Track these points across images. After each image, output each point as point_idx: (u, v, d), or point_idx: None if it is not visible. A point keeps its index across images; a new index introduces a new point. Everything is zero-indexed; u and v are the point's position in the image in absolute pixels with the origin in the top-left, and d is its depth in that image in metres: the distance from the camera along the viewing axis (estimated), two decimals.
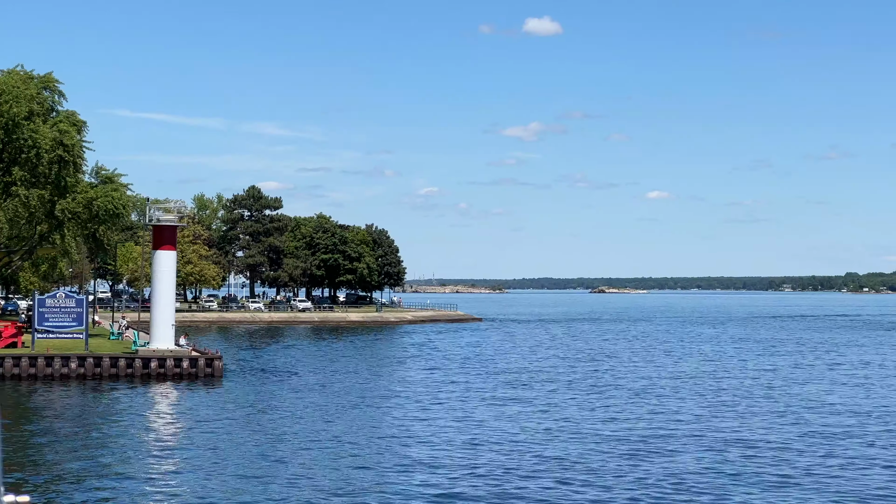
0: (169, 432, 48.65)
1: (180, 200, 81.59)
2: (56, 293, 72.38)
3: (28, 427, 49.70)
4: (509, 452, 42.23)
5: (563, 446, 43.90)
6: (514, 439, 45.70)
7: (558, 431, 48.27)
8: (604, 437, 46.41)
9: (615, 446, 43.92)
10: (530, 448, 43.40)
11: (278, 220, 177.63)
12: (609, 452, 42.33)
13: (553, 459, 40.64)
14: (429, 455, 41.51)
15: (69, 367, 67.61)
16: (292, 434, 46.93)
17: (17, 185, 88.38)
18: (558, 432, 47.95)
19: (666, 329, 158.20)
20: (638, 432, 48.07)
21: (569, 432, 47.97)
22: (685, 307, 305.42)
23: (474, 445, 44.01)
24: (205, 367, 68.93)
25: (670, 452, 42.50)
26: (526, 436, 46.80)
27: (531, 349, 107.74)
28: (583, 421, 51.92)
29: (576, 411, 55.85)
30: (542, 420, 52.22)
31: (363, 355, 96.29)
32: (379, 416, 53.70)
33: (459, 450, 42.82)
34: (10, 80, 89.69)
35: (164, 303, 70.60)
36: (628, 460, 40.62)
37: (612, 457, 41.32)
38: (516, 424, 50.45)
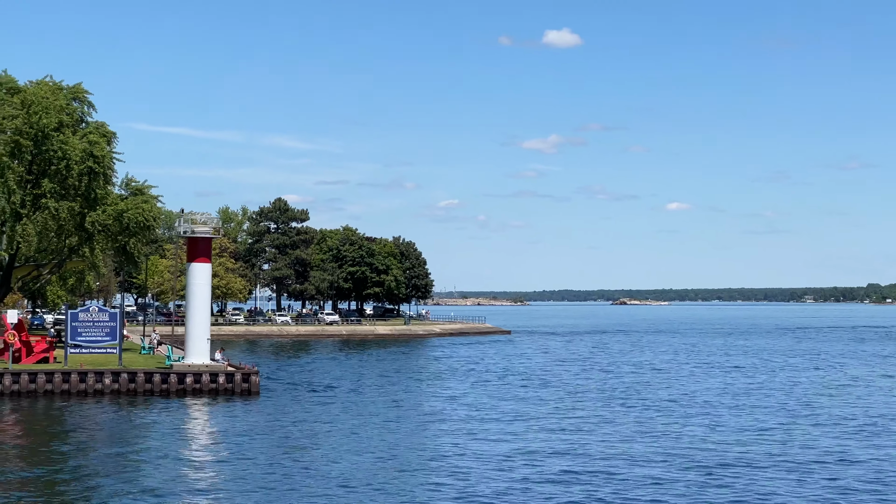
0: (207, 449, 47.09)
1: (206, 213, 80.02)
2: (89, 307, 70.80)
3: (63, 444, 48.28)
4: (616, 476, 40.33)
5: (661, 465, 41.98)
6: (610, 459, 43.78)
7: (651, 453, 46.30)
8: (692, 453, 44.45)
9: (706, 460, 41.98)
10: (629, 469, 41.50)
11: (305, 232, 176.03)
12: (699, 467, 40.40)
13: (653, 482, 38.74)
14: (498, 479, 39.63)
15: (103, 383, 66.01)
16: (334, 451, 45.27)
17: (46, 197, 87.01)
18: (652, 454, 45.99)
19: (702, 341, 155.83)
20: (724, 451, 46.09)
21: (661, 451, 46.04)
22: (712, 318, 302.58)
23: (536, 463, 42.13)
24: (241, 382, 67.22)
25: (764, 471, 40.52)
26: (619, 457, 44.88)
27: (576, 363, 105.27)
28: (667, 436, 49.96)
29: (657, 428, 53.90)
30: (619, 439, 50.28)
31: (399, 369, 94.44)
32: (429, 433, 51.81)
33: (537, 473, 40.94)
34: (39, 91, 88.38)
35: (199, 317, 68.93)
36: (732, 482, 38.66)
37: (706, 475, 39.38)
38: (600, 443, 48.52)
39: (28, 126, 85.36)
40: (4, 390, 64.43)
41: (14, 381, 64.80)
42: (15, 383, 64.78)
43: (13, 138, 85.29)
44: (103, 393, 65.61)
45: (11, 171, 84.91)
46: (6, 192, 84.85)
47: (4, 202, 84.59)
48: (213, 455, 45.28)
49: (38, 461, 43.24)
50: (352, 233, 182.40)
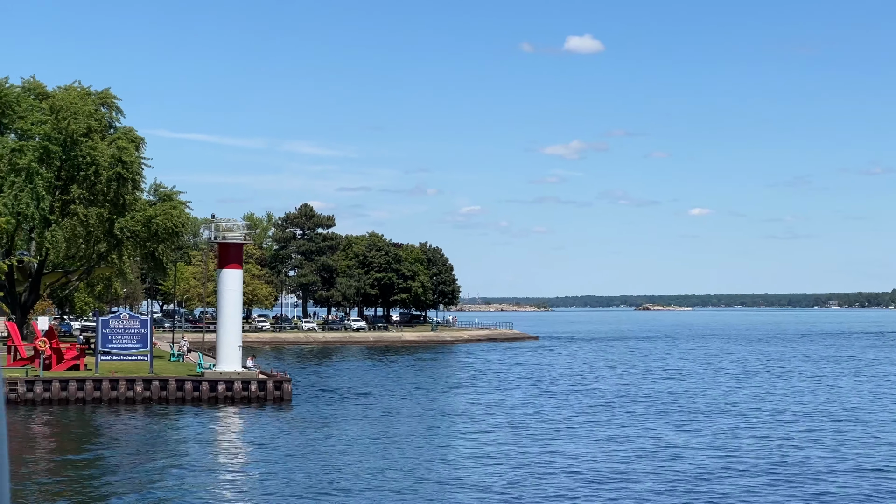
0: (240, 457, 46.36)
1: (232, 219, 79.30)
2: (120, 314, 70.05)
3: (95, 452, 47.62)
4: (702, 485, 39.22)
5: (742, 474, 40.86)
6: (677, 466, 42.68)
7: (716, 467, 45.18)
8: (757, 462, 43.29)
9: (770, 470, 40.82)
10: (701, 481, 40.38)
11: (331, 238, 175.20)
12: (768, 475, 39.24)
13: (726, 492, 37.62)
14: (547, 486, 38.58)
15: (134, 391, 65.25)
16: (370, 461, 44.32)
17: (75, 203, 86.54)
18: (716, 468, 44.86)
19: (732, 347, 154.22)
20: (785, 459, 44.92)
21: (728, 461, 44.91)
22: (739, 324, 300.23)
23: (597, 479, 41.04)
24: (273, 389, 66.37)
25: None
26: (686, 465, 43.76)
27: (612, 369, 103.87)
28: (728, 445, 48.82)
29: (717, 435, 52.74)
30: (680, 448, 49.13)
31: (431, 376, 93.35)
32: (470, 442, 50.77)
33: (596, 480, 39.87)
34: (68, 96, 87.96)
35: (230, 323, 68.12)
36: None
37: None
38: (656, 450, 47.41)
39: (57, 132, 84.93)
40: (36, 398, 63.75)
41: (45, 389, 64.11)
42: (46, 391, 64.09)
43: (42, 144, 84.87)
44: (135, 401, 64.84)
45: (40, 177, 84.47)
46: (35, 198, 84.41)
47: (33, 208, 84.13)
48: (246, 463, 44.49)
49: (70, 469, 42.67)
50: (378, 239, 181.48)
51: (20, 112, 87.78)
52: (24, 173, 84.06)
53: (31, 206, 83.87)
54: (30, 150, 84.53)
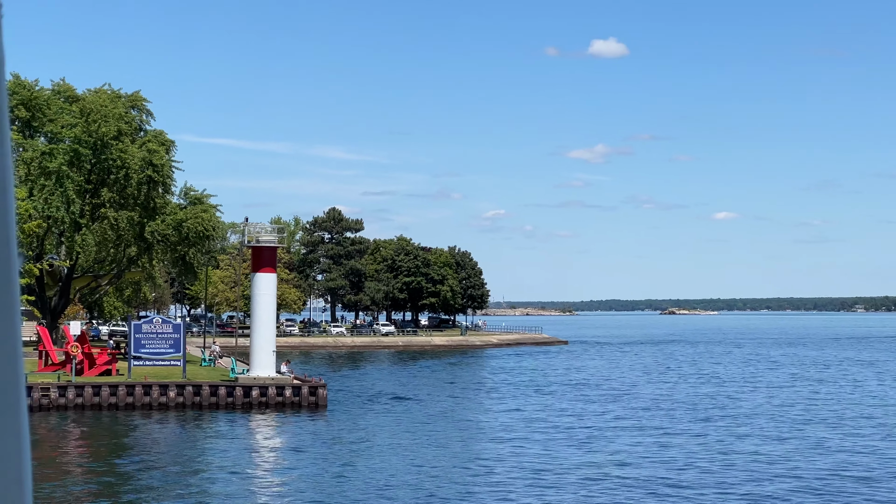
0: (276, 464, 45.43)
1: (261, 223, 78.29)
2: (152, 318, 69.12)
3: (128, 458, 46.93)
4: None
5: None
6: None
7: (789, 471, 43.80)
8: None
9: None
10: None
11: (359, 242, 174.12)
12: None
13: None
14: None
15: (168, 396, 64.26)
16: (409, 467, 43.28)
17: (105, 206, 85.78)
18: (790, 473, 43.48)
19: (767, 351, 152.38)
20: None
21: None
22: (770, 328, 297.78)
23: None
24: (308, 395, 65.28)
25: None
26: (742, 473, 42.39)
27: (653, 374, 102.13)
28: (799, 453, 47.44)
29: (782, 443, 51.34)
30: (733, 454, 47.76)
31: (465, 381, 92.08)
32: (512, 448, 49.49)
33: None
34: (97, 99, 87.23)
35: (264, 328, 67.04)
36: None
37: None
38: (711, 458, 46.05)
39: (87, 135, 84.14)
40: (68, 403, 62.85)
41: (78, 394, 63.20)
42: (79, 396, 63.18)
43: (72, 147, 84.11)
44: (168, 406, 63.86)
45: (70, 181, 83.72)
46: (65, 201, 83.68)
47: (63, 212, 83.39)
48: (283, 470, 43.55)
49: (103, 475, 41.88)
50: (406, 243, 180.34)
51: (50, 115, 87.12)
52: (55, 176, 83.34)
53: (62, 210, 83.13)
54: (60, 154, 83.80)
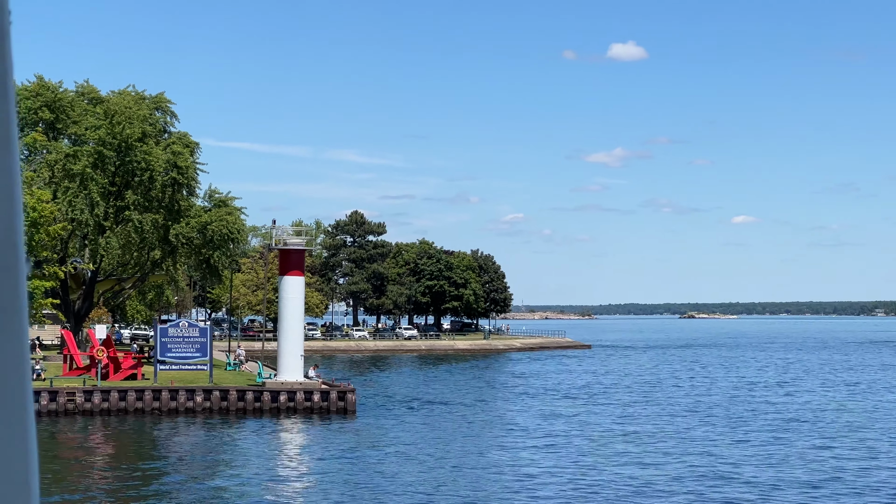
0: (306, 471, 44.51)
1: (285, 226, 77.39)
2: (178, 322, 68.26)
3: (157, 464, 46.22)
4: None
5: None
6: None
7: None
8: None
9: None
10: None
11: (382, 245, 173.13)
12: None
13: None
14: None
15: (194, 401, 63.33)
16: (443, 475, 42.13)
17: (130, 209, 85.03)
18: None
19: (800, 356, 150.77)
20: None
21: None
22: (796, 332, 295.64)
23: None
24: (337, 400, 64.24)
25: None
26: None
27: (687, 379, 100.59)
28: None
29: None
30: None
31: (494, 385, 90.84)
32: (551, 454, 48.31)
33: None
34: (122, 100, 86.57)
35: (292, 332, 66.06)
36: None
37: None
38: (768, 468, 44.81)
39: (111, 137, 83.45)
40: (94, 408, 61.98)
41: (104, 399, 62.33)
42: (104, 401, 62.30)
43: (97, 149, 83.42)
44: (195, 411, 62.93)
45: (95, 183, 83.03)
46: (89, 204, 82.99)
47: (88, 214, 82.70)
48: (314, 476, 42.62)
49: (130, 481, 41.08)
50: (428, 246, 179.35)
51: (74, 117, 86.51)
52: (79, 179, 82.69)
53: (86, 213, 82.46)
54: (84, 156, 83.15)
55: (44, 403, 61.32)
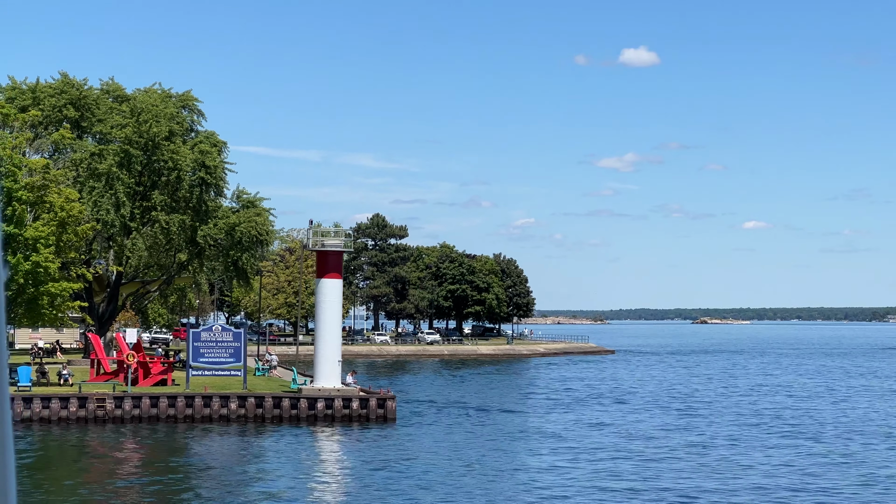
0: (348, 481, 42.62)
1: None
2: (212, 326, 65.87)
3: (192, 474, 44.16)
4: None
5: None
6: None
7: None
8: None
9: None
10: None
11: (403, 249, 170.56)
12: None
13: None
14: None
15: (229, 408, 60.93)
16: (493, 487, 39.82)
17: (156, 210, 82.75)
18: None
19: (825, 362, 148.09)
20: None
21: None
22: (814, 338, 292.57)
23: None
24: (377, 408, 61.82)
25: None
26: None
27: (743, 387, 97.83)
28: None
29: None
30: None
31: (527, 391, 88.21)
32: (603, 462, 45.84)
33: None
34: (148, 98, 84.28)
35: (329, 337, 63.61)
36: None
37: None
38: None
39: (138, 135, 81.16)
40: (124, 415, 59.59)
41: (135, 406, 59.97)
42: (136, 407, 59.95)
43: (123, 148, 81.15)
44: (229, 419, 60.54)
45: (121, 183, 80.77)
46: (115, 204, 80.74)
47: (114, 215, 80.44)
48: (357, 488, 40.55)
49: (166, 491, 39.51)
50: (449, 250, 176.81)
51: (99, 115, 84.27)
52: (105, 178, 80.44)
53: (112, 213, 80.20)
54: (110, 155, 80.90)
55: (73, 410, 59.05)
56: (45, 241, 63.22)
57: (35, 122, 75.58)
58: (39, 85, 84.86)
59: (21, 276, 62.35)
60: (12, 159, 63.73)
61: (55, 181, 65.85)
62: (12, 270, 62.28)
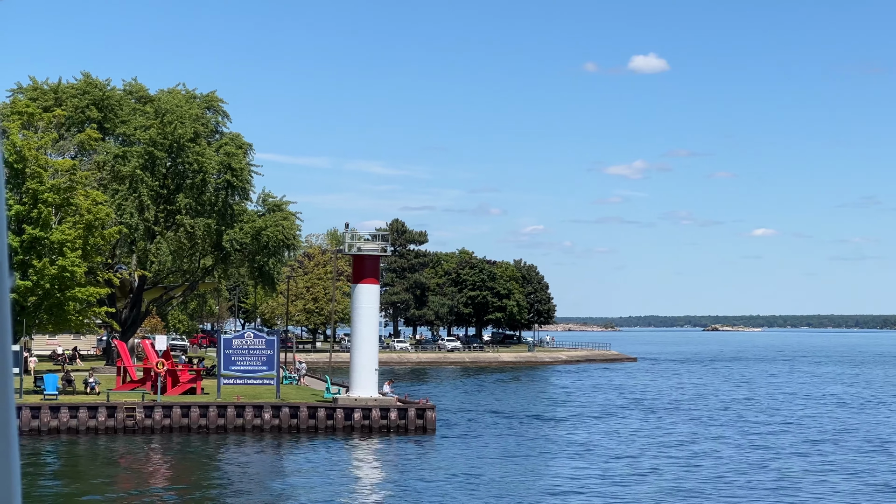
0: (389, 494, 40.37)
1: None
2: (243, 333, 63.64)
3: (227, 486, 42.49)
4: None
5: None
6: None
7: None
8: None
9: None
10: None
11: (423, 255, 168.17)
12: None
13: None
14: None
15: (262, 419, 58.66)
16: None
17: (181, 213, 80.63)
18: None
19: (857, 370, 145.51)
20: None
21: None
22: (829, 346, 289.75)
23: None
24: (416, 418, 59.53)
25: None
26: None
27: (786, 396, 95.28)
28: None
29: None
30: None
31: (563, 399, 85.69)
32: (665, 479, 43.51)
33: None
34: (172, 99, 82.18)
35: (366, 344, 61.34)
36: None
37: None
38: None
39: (162, 137, 79.07)
40: (155, 425, 57.38)
41: (165, 415, 57.74)
42: (166, 417, 57.71)
43: (147, 150, 79.06)
44: (262, 429, 58.27)
45: (145, 186, 78.69)
46: (139, 207, 78.67)
47: (137, 218, 78.37)
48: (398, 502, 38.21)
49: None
50: (469, 256, 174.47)
51: (123, 116, 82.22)
52: (128, 181, 78.38)
53: (135, 217, 78.12)
54: (134, 157, 78.82)
55: (101, 419, 56.86)
56: (71, 245, 61.09)
57: (59, 122, 73.50)
58: (61, 85, 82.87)
59: (47, 281, 60.22)
60: (38, 160, 61.64)
61: (82, 183, 63.70)
62: (37, 275, 60.21)
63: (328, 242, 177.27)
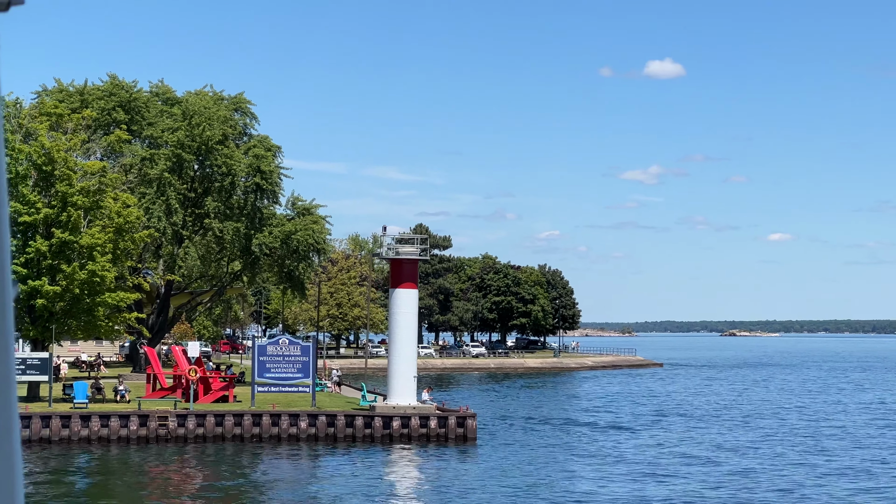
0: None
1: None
2: (278, 339, 61.84)
3: (264, 497, 41.12)
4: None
5: None
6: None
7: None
8: None
9: None
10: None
11: (447, 260, 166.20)
12: None
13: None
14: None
15: (298, 427, 56.92)
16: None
17: (209, 217, 79.05)
18: None
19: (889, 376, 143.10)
20: None
21: None
22: (854, 351, 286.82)
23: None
24: (456, 426, 57.68)
25: None
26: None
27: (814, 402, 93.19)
28: None
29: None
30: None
31: (602, 406, 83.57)
32: (726, 490, 41.63)
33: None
34: (200, 101, 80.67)
35: (404, 351, 59.55)
36: None
37: None
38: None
39: (190, 139, 77.53)
40: (188, 434, 55.69)
41: (199, 424, 56.03)
42: (200, 426, 56.01)
43: (175, 152, 77.52)
44: (298, 438, 56.52)
45: (173, 189, 77.12)
46: (167, 211, 77.08)
47: (165, 222, 76.77)
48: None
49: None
50: (492, 261, 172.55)
51: (150, 118, 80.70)
52: (156, 184, 76.80)
53: (163, 220, 76.53)
54: (161, 159, 77.29)
55: (133, 429, 55.20)
56: (101, 249, 59.47)
57: (88, 123, 72.05)
58: (88, 87, 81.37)
59: (77, 286, 58.59)
60: (67, 162, 60.05)
61: (111, 185, 62.08)
62: (66, 280, 58.60)
63: (350, 247, 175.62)
